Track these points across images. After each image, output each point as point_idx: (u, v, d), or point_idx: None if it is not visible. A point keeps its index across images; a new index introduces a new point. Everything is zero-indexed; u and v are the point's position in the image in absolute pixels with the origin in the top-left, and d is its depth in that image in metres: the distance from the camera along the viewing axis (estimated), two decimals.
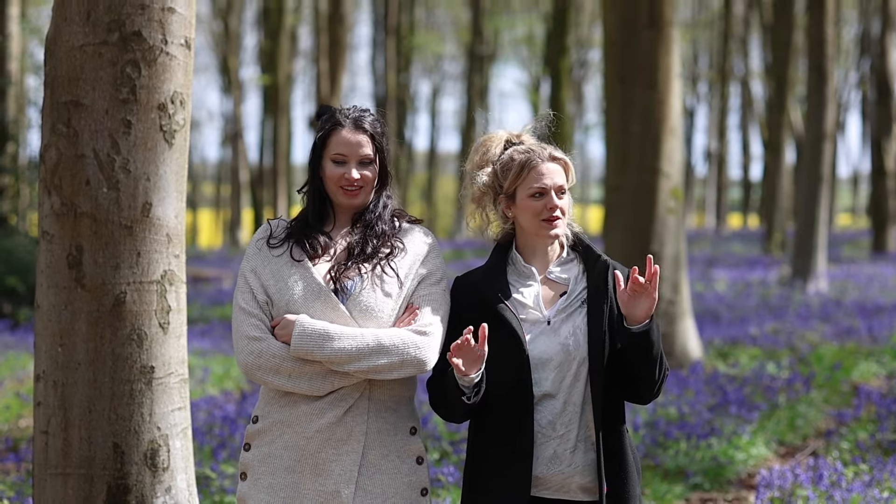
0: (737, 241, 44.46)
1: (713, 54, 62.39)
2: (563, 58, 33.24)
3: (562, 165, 4.53)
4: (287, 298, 4.44)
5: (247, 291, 4.49)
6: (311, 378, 4.38)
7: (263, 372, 4.40)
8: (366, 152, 4.54)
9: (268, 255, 4.54)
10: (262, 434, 4.49)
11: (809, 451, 10.26)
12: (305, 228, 4.58)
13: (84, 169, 5.17)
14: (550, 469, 4.40)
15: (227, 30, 51.21)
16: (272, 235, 4.60)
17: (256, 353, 4.40)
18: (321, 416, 4.40)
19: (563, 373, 4.40)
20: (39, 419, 5.30)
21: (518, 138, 4.64)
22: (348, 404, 4.41)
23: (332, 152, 4.54)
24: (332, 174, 4.53)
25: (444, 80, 74.29)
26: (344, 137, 4.54)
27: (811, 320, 17.89)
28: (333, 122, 4.58)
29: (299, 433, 4.42)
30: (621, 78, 13.58)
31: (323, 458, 4.40)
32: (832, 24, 22.46)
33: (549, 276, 4.52)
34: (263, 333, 4.43)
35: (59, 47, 5.24)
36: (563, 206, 4.48)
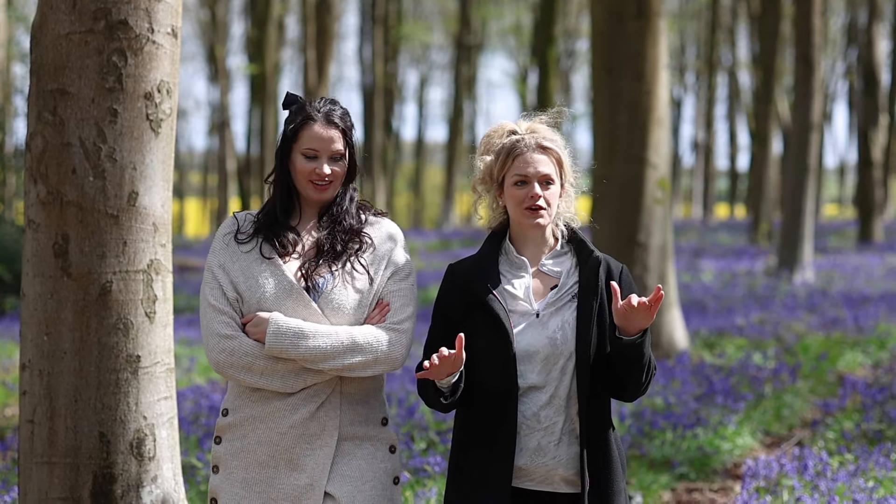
0: (724, 231, 44.51)
1: (700, 44, 62.42)
2: (551, 48, 33.24)
3: (552, 156, 4.48)
4: (258, 296, 4.43)
5: (216, 287, 4.48)
6: (284, 375, 4.39)
7: (235, 370, 4.40)
8: (337, 147, 4.53)
9: (236, 250, 4.53)
10: (233, 428, 4.49)
11: (795, 441, 10.28)
12: (273, 224, 4.56)
13: (70, 157, 5.16)
14: (534, 461, 4.40)
15: (215, 18, 51.08)
16: (239, 230, 4.58)
17: (228, 350, 4.40)
18: (294, 412, 4.41)
19: (550, 366, 4.39)
20: (25, 408, 5.29)
21: (523, 128, 4.57)
22: (321, 400, 4.43)
23: (304, 146, 4.52)
24: (302, 168, 4.51)
25: (432, 70, 74.27)
26: (316, 132, 4.52)
27: (797, 310, 17.92)
28: (304, 115, 4.54)
29: (272, 429, 4.43)
30: (608, 68, 13.58)
31: (297, 454, 4.41)
32: (819, 14, 22.48)
33: (541, 269, 4.50)
34: (235, 331, 4.42)
35: (45, 35, 5.23)
36: (547, 196, 4.45)
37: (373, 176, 43.98)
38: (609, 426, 4.48)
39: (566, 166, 4.52)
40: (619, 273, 4.49)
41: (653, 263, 13.38)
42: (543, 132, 4.53)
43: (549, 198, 4.46)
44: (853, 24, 52.14)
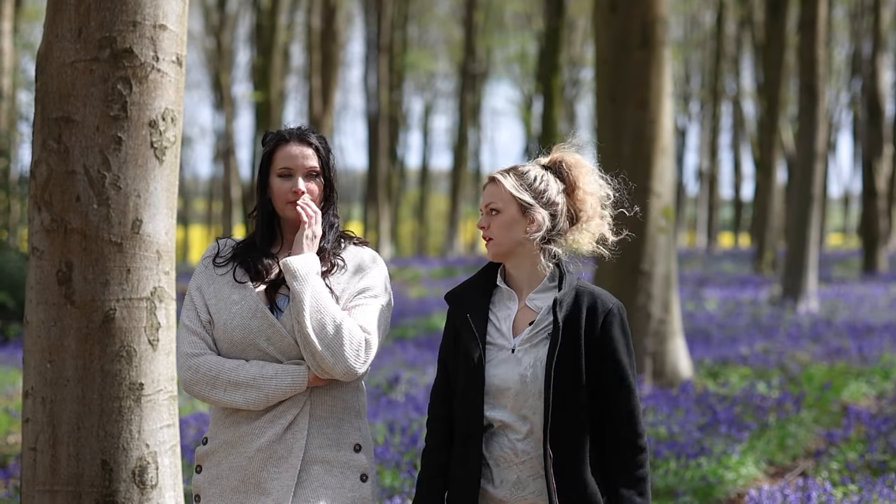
0: (728, 260, 44.49)
1: (705, 73, 62.54)
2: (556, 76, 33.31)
3: (498, 185, 4.48)
4: (225, 318, 4.48)
5: (191, 309, 4.54)
6: (246, 391, 4.40)
7: (200, 386, 4.46)
8: (311, 164, 4.56)
9: (213, 274, 4.59)
10: (210, 456, 4.53)
11: (799, 471, 10.26)
12: (251, 250, 4.60)
13: (74, 185, 5.17)
14: (514, 494, 4.40)
15: (220, 46, 51.24)
16: (219, 254, 4.64)
17: (193, 368, 4.45)
18: (261, 436, 4.43)
19: (521, 402, 4.37)
20: (28, 436, 5.28)
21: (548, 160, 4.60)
22: (287, 421, 4.43)
23: (278, 167, 4.56)
24: (279, 189, 4.55)
25: (437, 98, 74.39)
26: (288, 151, 4.57)
27: (801, 340, 17.89)
28: (278, 138, 4.60)
29: (242, 453, 4.45)
30: (613, 97, 13.60)
31: (264, 477, 4.42)
32: (823, 44, 22.53)
33: (527, 303, 4.48)
34: (202, 350, 4.47)
35: (51, 63, 5.24)
36: (491, 224, 4.45)
37: (377, 203, 44.01)
38: (584, 463, 4.38)
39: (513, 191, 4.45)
40: (604, 312, 4.39)
41: (656, 292, 13.37)
42: (511, 166, 4.54)
43: (495, 225, 4.46)
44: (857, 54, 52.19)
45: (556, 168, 4.57)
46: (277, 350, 4.45)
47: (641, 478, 4.38)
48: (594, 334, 4.36)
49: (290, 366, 4.44)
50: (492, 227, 4.46)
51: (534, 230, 4.46)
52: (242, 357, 4.47)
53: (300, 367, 4.43)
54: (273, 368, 4.42)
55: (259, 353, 4.46)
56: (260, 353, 4.46)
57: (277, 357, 4.45)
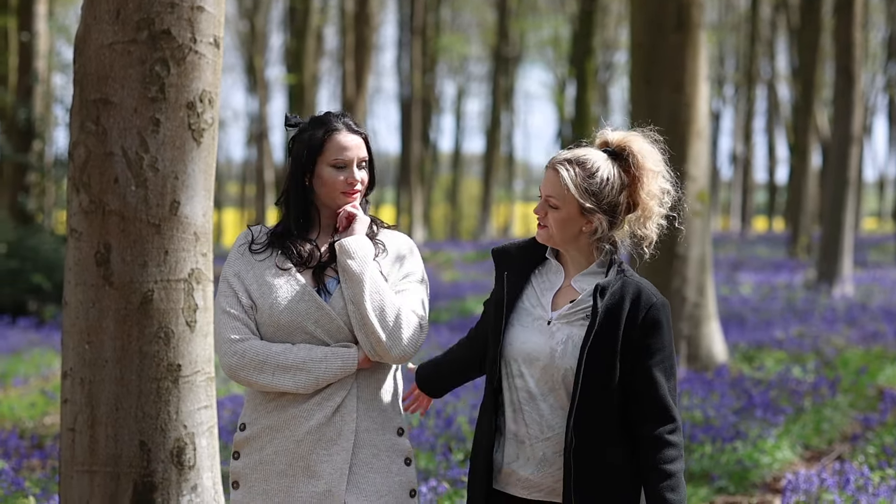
0: (762, 244, 44.31)
1: (740, 57, 62.25)
2: (589, 60, 33.22)
3: (558, 178, 4.36)
4: (271, 302, 4.40)
5: (230, 295, 4.46)
6: (295, 375, 4.35)
7: (247, 371, 4.38)
8: (363, 154, 4.53)
9: (251, 259, 4.51)
10: (250, 441, 4.46)
11: (835, 455, 10.21)
12: (288, 236, 4.54)
13: (112, 167, 5.18)
14: (541, 470, 4.37)
15: (254, 29, 51.31)
16: (254, 241, 4.57)
17: (239, 353, 4.37)
18: (310, 418, 4.38)
19: (548, 376, 4.33)
20: (66, 416, 5.31)
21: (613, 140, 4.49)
22: (336, 403, 4.39)
23: (332, 157, 4.48)
24: (333, 179, 4.48)
25: (470, 82, 74.28)
26: (343, 141, 4.50)
27: (837, 324, 17.81)
28: (327, 127, 4.52)
29: (289, 437, 4.39)
30: (647, 80, 13.54)
31: (314, 460, 4.37)
32: (860, 27, 22.38)
33: (571, 283, 4.43)
34: (245, 335, 4.40)
35: (89, 45, 5.25)
36: (550, 217, 4.37)
37: (410, 187, 44.02)
38: (609, 450, 4.32)
39: (574, 192, 4.33)
40: (647, 306, 4.31)
41: (692, 276, 13.33)
42: (575, 154, 4.42)
43: (552, 221, 4.37)
44: (894, 37, 51.90)
45: (622, 156, 4.43)
46: (325, 332, 4.40)
47: (671, 473, 4.31)
48: (634, 326, 4.28)
49: (339, 348, 4.39)
50: (548, 219, 4.38)
51: (590, 231, 4.40)
52: (288, 341, 4.41)
53: (350, 349, 4.38)
54: (322, 351, 4.37)
55: (306, 337, 4.40)
56: (307, 337, 4.40)
57: (325, 340, 4.40)
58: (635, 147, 4.45)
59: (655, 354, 4.30)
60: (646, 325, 4.30)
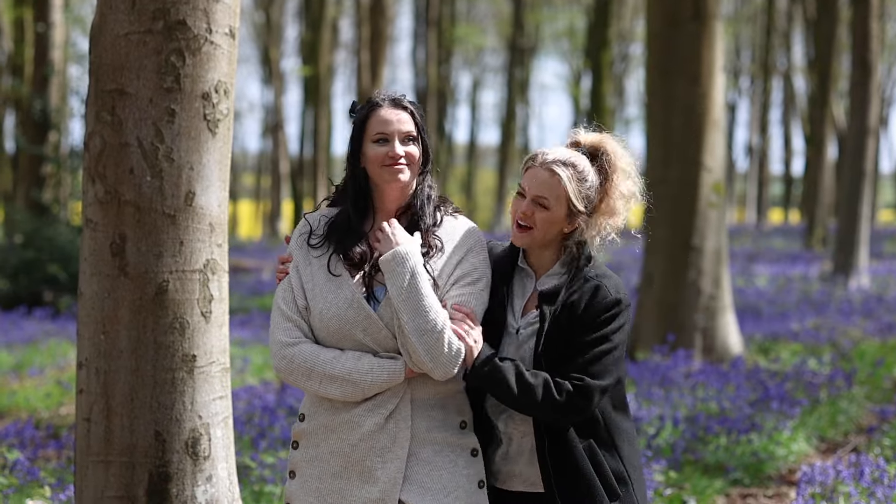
0: (778, 236, 44.25)
1: (756, 48, 62.06)
2: (605, 51, 33.17)
3: (555, 179, 4.35)
4: (321, 307, 4.36)
5: (289, 291, 4.42)
6: (342, 385, 4.30)
7: (295, 376, 4.35)
8: (407, 128, 4.41)
9: (308, 254, 4.47)
10: (308, 435, 4.42)
11: (851, 447, 10.19)
12: (344, 230, 4.45)
13: (128, 157, 5.18)
14: (532, 463, 4.40)
15: (269, 21, 51.32)
16: (312, 233, 4.50)
17: (288, 358, 4.34)
18: (362, 425, 4.32)
19: None
20: (81, 406, 5.31)
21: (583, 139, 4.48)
22: (388, 410, 4.32)
23: (373, 132, 4.40)
24: (375, 155, 4.39)
25: (485, 73, 74.18)
26: (383, 115, 4.41)
27: (853, 316, 17.77)
28: (371, 104, 4.45)
29: (343, 440, 4.35)
30: (664, 71, 13.52)
31: (368, 466, 4.31)
32: (877, 18, 22.31)
33: (537, 286, 4.42)
34: (296, 338, 4.36)
35: (104, 35, 5.25)
36: (536, 216, 4.34)
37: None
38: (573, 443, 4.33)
39: (571, 196, 4.34)
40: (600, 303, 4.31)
41: (707, 267, 13.31)
42: (565, 155, 4.40)
43: (539, 221, 4.35)
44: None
45: (597, 156, 4.44)
46: (374, 341, 4.34)
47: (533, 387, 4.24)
48: (585, 320, 4.29)
49: (386, 360, 4.31)
50: (535, 219, 4.35)
51: (569, 232, 4.41)
52: (338, 346, 4.35)
53: (396, 361, 4.31)
54: (369, 362, 4.30)
55: (355, 344, 4.34)
56: (356, 344, 4.34)
57: (373, 348, 4.33)
58: (609, 147, 4.48)
59: (597, 340, 4.29)
60: (597, 318, 4.30)
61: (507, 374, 4.23)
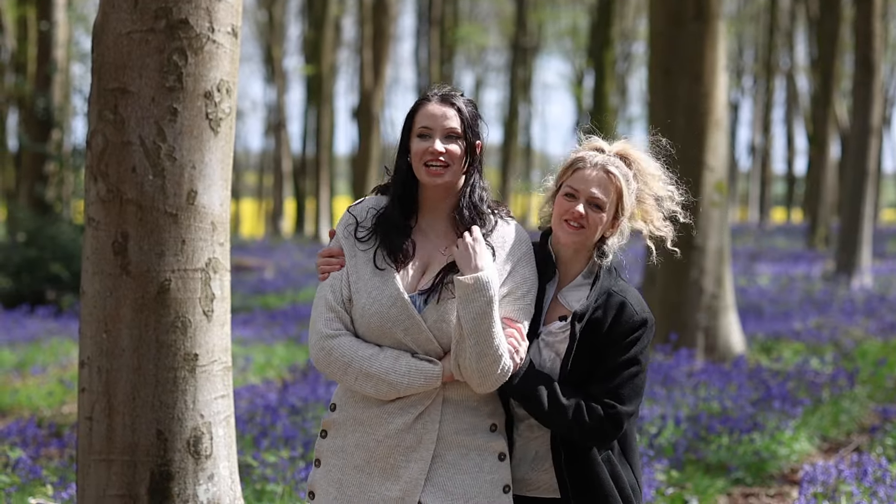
0: (780, 235, 44.23)
1: (758, 48, 62.05)
2: (608, 50, 33.14)
3: (612, 180, 4.34)
4: (364, 303, 4.28)
5: (337, 279, 4.34)
6: (377, 383, 4.24)
7: (332, 369, 4.28)
8: (451, 125, 4.31)
9: (354, 246, 4.38)
10: (337, 425, 4.37)
11: (853, 446, 10.19)
12: (392, 229, 4.35)
13: (130, 156, 5.18)
14: (535, 468, 4.38)
15: (272, 19, 51.33)
16: (359, 226, 4.40)
17: (327, 350, 4.27)
18: (391, 422, 4.27)
19: None
20: (84, 405, 5.32)
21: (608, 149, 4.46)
22: (418, 411, 4.27)
23: (418, 126, 4.32)
24: (416, 149, 4.30)
25: (487, 72, 74.23)
26: (430, 110, 4.32)
27: (855, 315, 17.77)
28: (421, 98, 4.38)
29: (370, 434, 4.30)
30: (666, 70, 13.51)
31: (391, 464, 4.27)
32: (880, 17, 22.30)
33: (559, 297, 4.40)
34: (337, 331, 4.28)
35: (107, 34, 5.25)
36: (590, 217, 4.32)
37: None
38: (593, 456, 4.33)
39: (624, 198, 4.37)
40: (626, 323, 4.31)
41: (709, 267, 13.30)
42: (613, 160, 4.40)
43: (593, 222, 4.33)
44: None
45: (627, 164, 4.46)
46: (414, 342, 4.26)
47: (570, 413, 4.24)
48: (612, 341, 4.29)
49: (424, 364, 4.24)
50: (589, 219, 4.32)
51: (610, 236, 4.41)
52: (377, 342, 4.28)
53: (434, 367, 4.24)
54: (406, 364, 4.23)
55: (394, 342, 4.27)
56: (395, 342, 4.27)
57: (412, 348, 4.27)
58: (635, 154, 4.49)
59: (627, 363, 4.30)
60: (624, 338, 4.30)
61: (541, 393, 4.23)
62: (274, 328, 17.42)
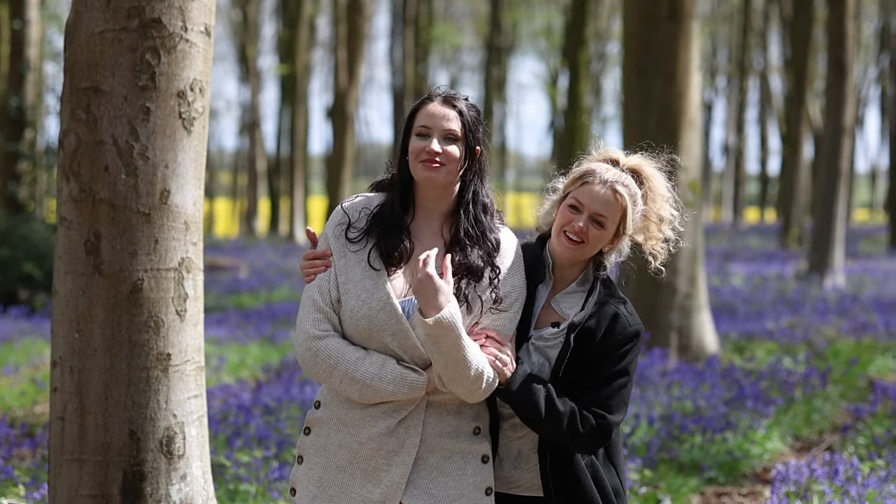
0: (754, 235, 44.36)
1: (732, 48, 62.25)
2: (582, 50, 33.17)
3: (618, 200, 4.32)
4: (353, 305, 4.24)
5: (324, 280, 4.29)
6: (362, 388, 4.20)
7: (317, 370, 4.25)
8: (451, 126, 4.27)
9: (344, 247, 4.32)
10: (320, 423, 4.34)
11: (825, 445, 10.23)
12: (390, 227, 4.32)
13: (103, 155, 5.17)
14: (518, 467, 4.38)
15: (246, 19, 51.25)
16: (351, 226, 4.35)
17: (313, 351, 4.23)
18: (374, 424, 4.24)
19: None
20: (56, 405, 5.30)
21: (623, 162, 4.45)
22: (402, 415, 4.23)
23: (418, 125, 4.29)
24: (414, 148, 4.27)
25: (462, 72, 74.26)
26: (430, 110, 4.29)
27: (828, 315, 17.83)
28: (424, 98, 4.36)
29: (352, 435, 4.27)
30: (640, 70, 13.54)
31: (373, 466, 4.25)
32: (852, 18, 22.40)
33: (552, 303, 4.39)
34: (324, 331, 4.24)
35: (79, 33, 5.24)
36: (591, 233, 4.30)
37: None
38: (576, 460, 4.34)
39: (628, 219, 4.35)
40: (618, 334, 4.31)
41: (683, 267, 13.34)
42: (623, 178, 4.37)
43: (593, 238, 4.32)
44: (886, 28, 51.91)
45: (638, 180, 4.45)
46: (400, 347, 4.22)
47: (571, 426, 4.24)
48: (604, 351, 4.29)
49: (410, 374, 4.20)
50: (589, 235, 4.30)
51: (610, 252, 4.41)
52: (364, 345, 4.24)
53: (420, 377, 4.20)
54: (392, 371, 4.19)
55: (381, 346, 4.22)
56: (382, 346, 4.22)
57: (399, 353, 4.22)
58: (648, 171, 4.49)
59: (618, 374, 4.30)
60: (617, 349, 4.31)
61: (538, 399, 4.23)
62: (248, 328, 17.39)
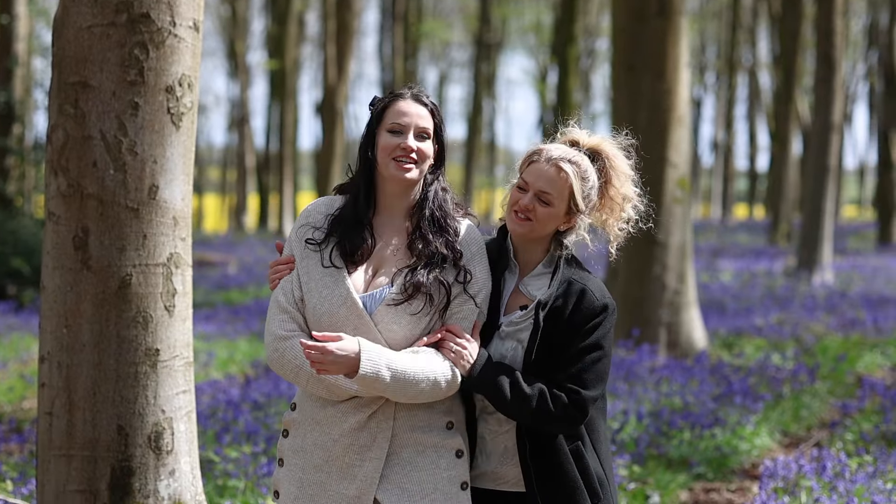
0: (742, 231, 44.42)
1: (721, 44, 62.29)
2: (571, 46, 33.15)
3: (562, 177, 4.32)
4: (315, 302, 4.26)
5: (288, 282, 4.32)
6: (329, 386, 4.22)
7: (284, 371, 4.28)
8: (424, 125, 4.31)
9: (306, 248, 4.35)
10: (296, 424, 4.37)
11: (813, 441, 10.24)
12: (353, 226, 4.34)
13: (91, 150, 5.16)
14: (504, 463, 4.38)
15: (235, 14, 51.18)
16: (312, 227, 4.38)
17: (280, 351, 4.26)
18: (344, 420, 4.27)
19: None
20: (44, 400, 5.29)
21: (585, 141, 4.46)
22: (371, 410, 4.25)
23: (389, 122, 4.30)
24: (386, 144, 4.28)
25: (451, 68, 74.22)
26: (403, 107, 4.32)
27: (816, 311, 17.86)
28: (393, 94, 4.36)
29: (326, 433, 4.30)
30: (629, 66, 13.55)
31: (347, 462, 4.27)
32: (841, 14, 22.42)
33: (520, 287, 4.40)
34: (290, 332, 4.26)
35: (67, 28, 5.22)
36: (537, 211, 4.31)
37: None
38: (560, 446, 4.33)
39: (577, 195, 4.34)
40: (587, 310, 4.30)
41: (672, 263, 13.34)
42: (572, 154, 4.38)
43: (541, 216, 4.32)
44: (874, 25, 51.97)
45: (596, 158, 4.45)
46: None
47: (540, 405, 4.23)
48: (574, 328, 4.28)
49: None
50: (536, 213, 4.32)
51: (565, 230, 4.40)
52: None
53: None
54: None
55: None
56: None
57: None
58: (608, 151, 4.48)
59: (589, 348, 4.29)
60: (585, 324, 4.30)
61: (503, 384, 4.22)
62: (237, 323, 17.37)
